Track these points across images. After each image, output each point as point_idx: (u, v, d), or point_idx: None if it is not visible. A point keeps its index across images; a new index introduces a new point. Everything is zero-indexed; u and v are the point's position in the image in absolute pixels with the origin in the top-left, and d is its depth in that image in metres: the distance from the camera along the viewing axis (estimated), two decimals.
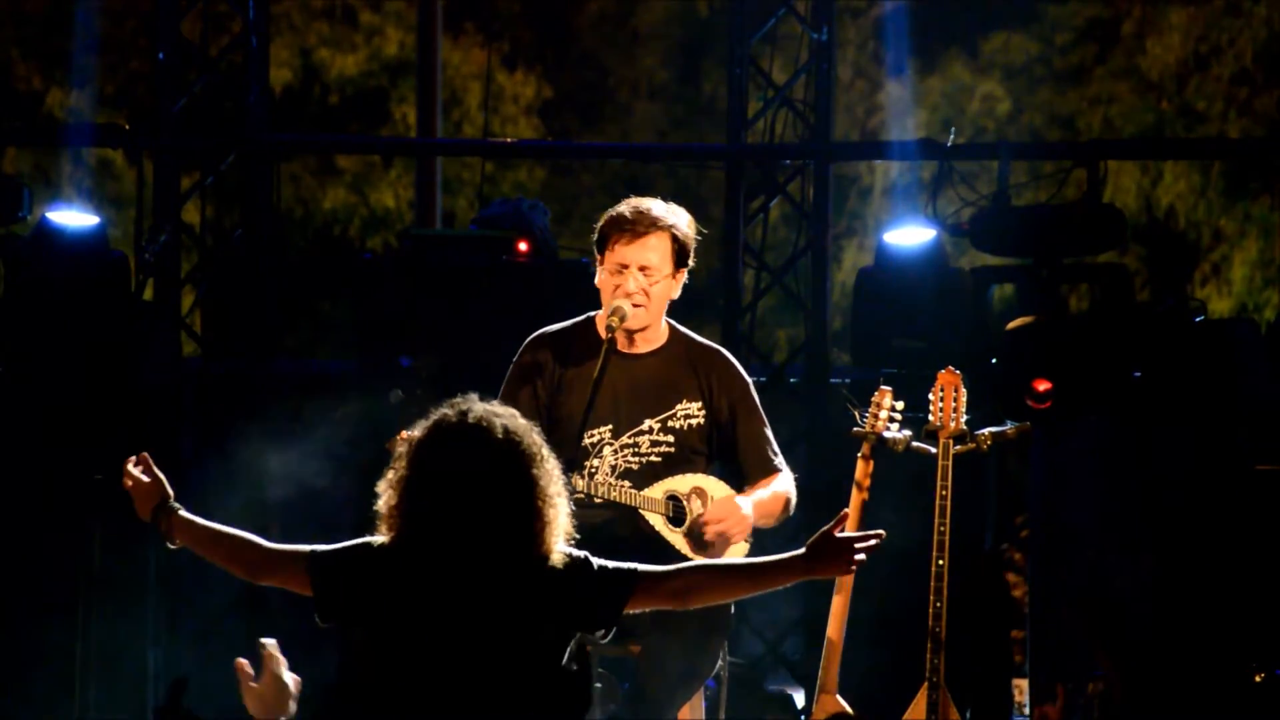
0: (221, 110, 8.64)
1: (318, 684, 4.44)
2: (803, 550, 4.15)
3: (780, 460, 5.31)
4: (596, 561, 4.07)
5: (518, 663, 3.94)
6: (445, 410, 4.02)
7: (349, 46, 16.65)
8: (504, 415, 4.01)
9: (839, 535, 4.16)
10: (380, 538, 4.02)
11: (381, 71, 16.73)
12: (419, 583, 3.95)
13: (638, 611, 4.15)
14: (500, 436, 3.96)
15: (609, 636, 4.08)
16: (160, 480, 4.35)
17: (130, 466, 4.34)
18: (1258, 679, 7.27)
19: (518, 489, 3.96)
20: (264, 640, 3.96)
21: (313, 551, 4.11)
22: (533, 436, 4.00)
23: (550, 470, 4.01)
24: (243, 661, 3.90)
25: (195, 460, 8.50)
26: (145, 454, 4.36)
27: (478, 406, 4.02)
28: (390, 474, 4.02)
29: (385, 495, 4.01)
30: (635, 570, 4.10)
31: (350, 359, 8.78)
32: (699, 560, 4.49)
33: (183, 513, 4.35)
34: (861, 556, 4.17)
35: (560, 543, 4.02)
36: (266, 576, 4.24)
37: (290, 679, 3.93)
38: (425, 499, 3.95)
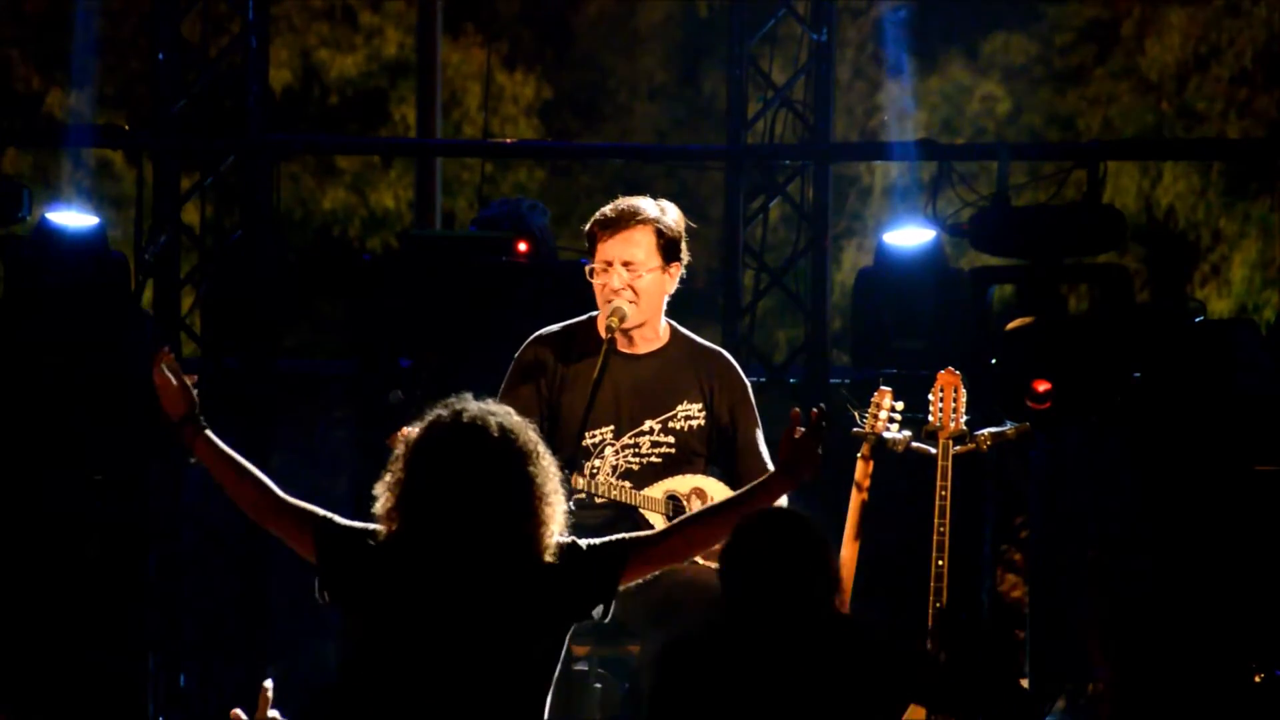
0: (221, 111, 8.64)
1: (315, 686, 4.46)
2: (774, 468, 4.30)
3: (773, 468, 5.32)
4: (584, 542, 4.08)
5: (513, 664, 3.94)
6: (440, 410, 4.02)
7: (349, 47, 16.64)
8: (499, 414, 4.01)
9: (799, 436, 4.31)
10: (381, 535, 4.02)
11: (381, 72, 16.72)
12: (416, 584, 3.95)
13: (637, 581, 4.15)
14: (496, 435, 3.96)
15: (608, 614, 4.10)
16: (188, 388, 4.29)
17: (163, 365, 4.29)
18: (1258, 679, 7.26)
19: (514, 488, 3.95)
20: (266, 684, 3.93)
21: (325, 518, 4.10)
22: (528, 434, 4.00)
23: (546, 468, 4.01)
24: (237, 712, 3.87)
25: (196, 460, 8.49)
26: (171, 356, 4.26)
27: (473, 406, 4.01)
28: (387, 476, 4.02)
29: (383, 498, 4.01)
30: (624, 540, 4.13)
31: (350, 359, 8.77)
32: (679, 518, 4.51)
33: (208, 432, 4.30)
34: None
35: (558, 540, 4.03)
36: (271, 521, 4.18)
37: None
38: (422, 500, 3.95)
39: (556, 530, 4.02)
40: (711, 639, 3.95)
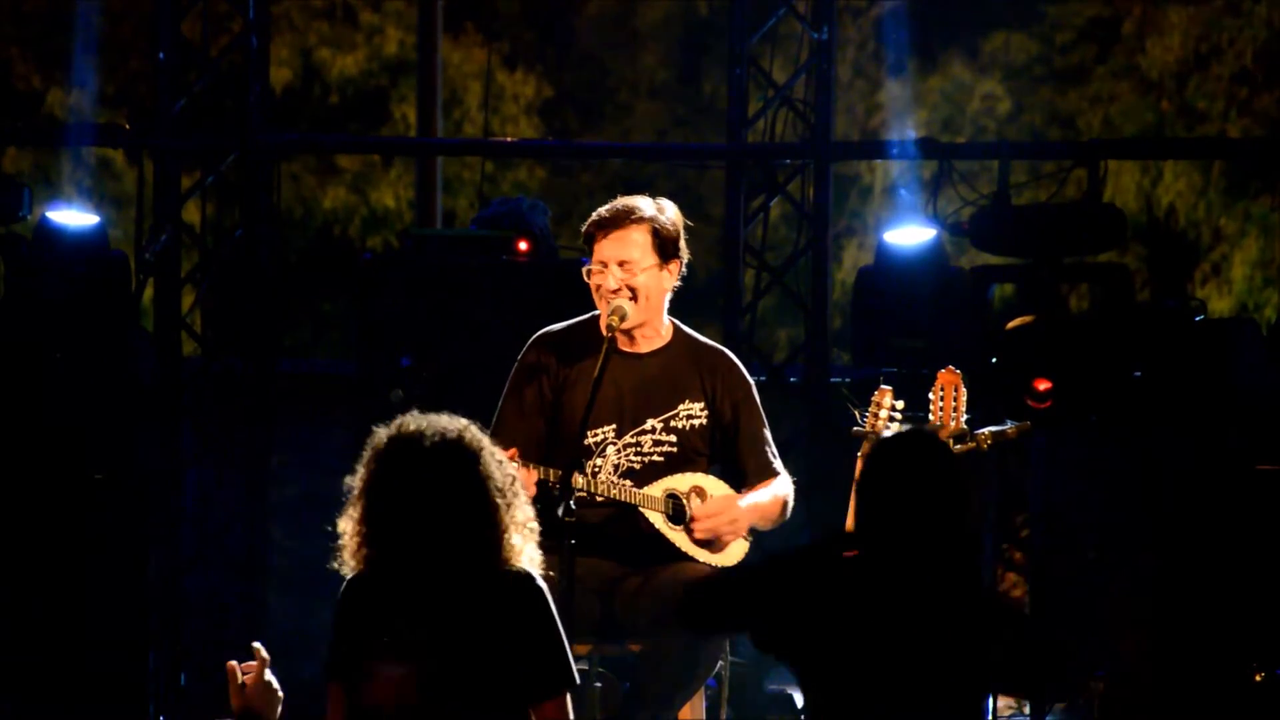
0: (222, 110, 8.64)
1: (313, 685, 4.45)
2: None
3: (779, 464, 5.33)
4: (553, 614, 4.04)
5: (479, 676, 3.95)
6: (381, 431, 4.04)
7: (349, 46, 16.64)
8: (440, 421, 4.01)
9: None
10: (350, 574, 4.03)
11: (382, 71, 16.72)
12: (395, 607, 3.96)
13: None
14: (439, 440, 3.97)
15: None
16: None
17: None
18: (1258, 679, 7.27)
19: (468, 489, 3.96)
20: (256, 645, 3.95)
21: (332, 676, 4.05)
22: (473, 433, 4.01)
23: (499, 464, 4.01)
24: (233, 664, 3.89)
25: (195, 460, 8.50)
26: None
27: (411, 419, 4.03)
28: (347, 509, 4.04)
29: (347, 529, 4.03)
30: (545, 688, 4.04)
31: (350, 359, 8.77)
32: None
33: None
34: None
35: (525, 546, 4.02)
36: None
37: (275, 683, 3.92)
38: (382, 520, 3.96)
39: (523, 532, 4.01)
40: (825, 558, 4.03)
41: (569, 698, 4.06)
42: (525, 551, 4.02)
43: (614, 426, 5.21)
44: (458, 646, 3.92)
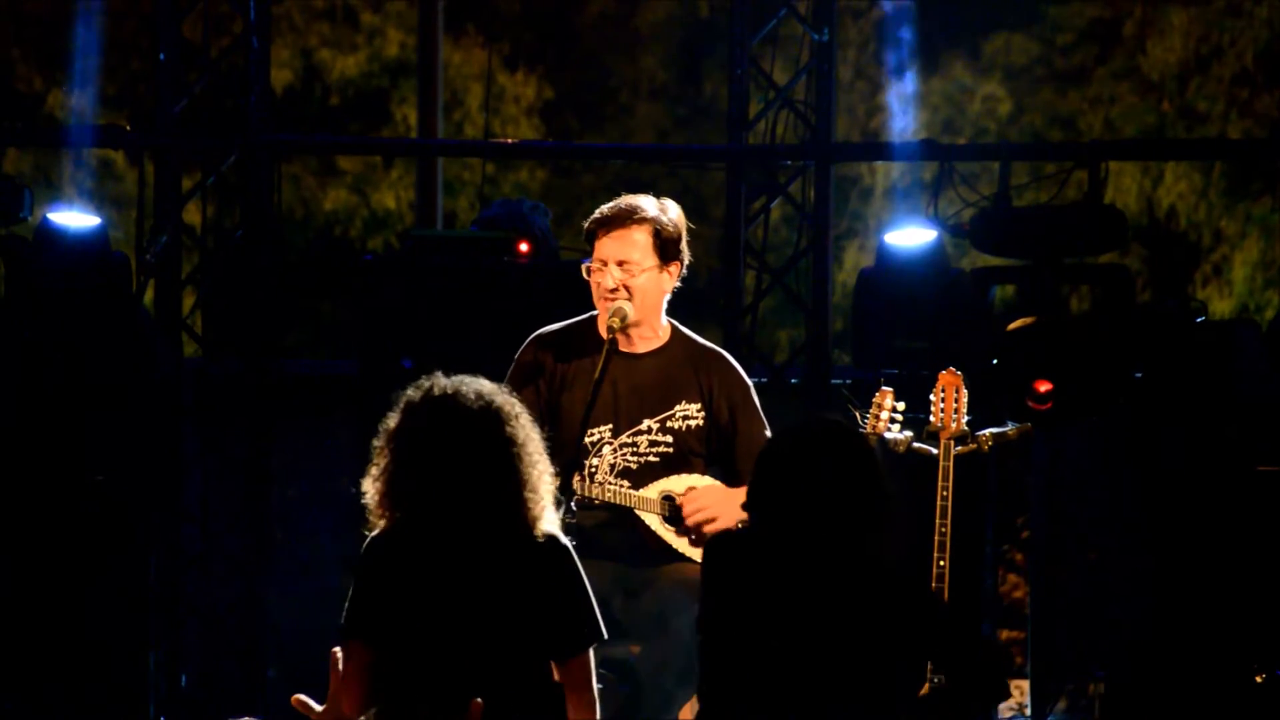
0: (222, 111, 8.64)
1: (313, 685, 4.45)
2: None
3: None
4: (581, 573, 4.06)
5: (506, 631, 3.98)
6: (410, 391, 4.07)
7: (350, 47, 16.64)
8: (470, 381, 4.06)
9: None
10: (375, 532, 4.06)
11: (382, 72, 16.72)
12: (421, 563, 3.98)
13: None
14: (470, 400, 4.02)
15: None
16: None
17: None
18: (1258, 679, 7.27)
19: (496, 447, 4.00)
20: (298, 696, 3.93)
21: (354, 631, 4.04)
22: (504, 396, 4.05)
23: (526, 426, 4.05)
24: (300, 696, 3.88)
25: (195, 460, 8.51)
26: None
27: (441, 380, 4.07)
28: (372, 468, 4.06)
29: (372, 488, 4.05)
30: (578, 642, 4.09)
31: (351, 360, 8.78)
32: None
33: None
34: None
35: (549, 509, 4.05)
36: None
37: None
38: (410, 478, 3.99)
39: (546, 492, 4.05)
40: (752, 542, 4.08)
41: (592, 653, 4.11)
42: (548, 513, 4.06)
43: (610, 426, 5.21)
44: (486, 604, 3.95)
